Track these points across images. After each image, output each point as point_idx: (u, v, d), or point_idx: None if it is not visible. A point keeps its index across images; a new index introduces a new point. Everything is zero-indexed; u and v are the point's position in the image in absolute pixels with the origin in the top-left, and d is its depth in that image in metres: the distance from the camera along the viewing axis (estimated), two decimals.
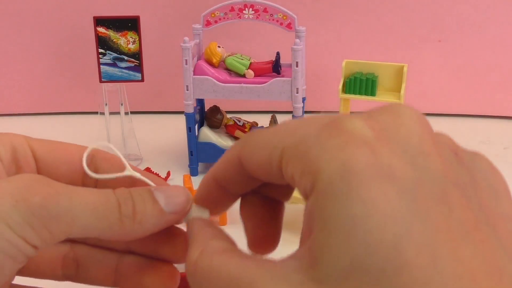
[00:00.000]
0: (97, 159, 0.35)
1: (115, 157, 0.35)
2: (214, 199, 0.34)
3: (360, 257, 0.22)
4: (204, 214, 0.33)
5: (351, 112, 0.79)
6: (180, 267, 0.38)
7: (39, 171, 0.32)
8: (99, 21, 0.69)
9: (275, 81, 0.69)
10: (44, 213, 0.26)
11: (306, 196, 0.25)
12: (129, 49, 0.70)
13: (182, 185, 0.63)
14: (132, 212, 0.29)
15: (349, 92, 0.74)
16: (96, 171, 0.34)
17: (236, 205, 0.67)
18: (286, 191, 0.32)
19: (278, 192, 0.32)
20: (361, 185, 0.22)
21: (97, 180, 0.34)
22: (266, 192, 0.32)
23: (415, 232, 0.22)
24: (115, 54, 0.70)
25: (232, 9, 0.70)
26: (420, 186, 0.23)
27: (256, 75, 0.70)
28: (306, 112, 0.81)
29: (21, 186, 0.26)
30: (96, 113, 0.77)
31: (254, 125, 0.76)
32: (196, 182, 0.72)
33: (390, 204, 0.22)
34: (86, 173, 0.32)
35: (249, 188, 0.32)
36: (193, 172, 0.74)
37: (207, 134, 0.73)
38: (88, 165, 0.33)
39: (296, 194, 0.30)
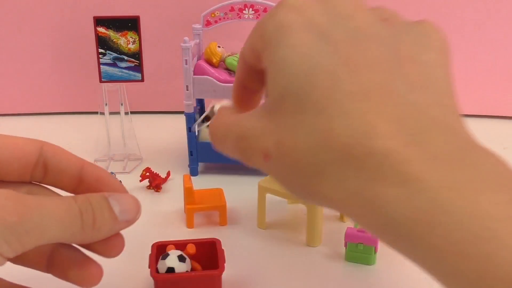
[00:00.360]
0: (47, 153, 0.39)
1: (66, 152, 0.40)
2: (243, 97, 0.41)
3: (287, 85, 0.31)
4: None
5: None
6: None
7: None
8: (99, 21, 0.69)
9: None
10: (19, 229, 0.29)
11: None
12: (129, 49, 0.70)
13: (182, 184, 0.63)
14: (92, 221, 0.33)
15: None
16: (45, 166, 0.38)
17: (234, 206, 0.67)
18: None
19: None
20: (288, 34, 0.31)
21: (44, 172, 0.38)
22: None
23: (323, 64, 0.30)
24: (115, 54, 0.70)
25: (232, 9, 0.70)
26: (334, 33, 0.31)
27: None
28: None
29: (14, 200, 0.29)
30: (96, 113, 0.77)
31: None
32: (196, 182, 0.72)
33: (307, 45, 0.31)
34: (35, 168, 0.37)
35: (260, 83, 0.39)
36: (193, 172, 0.74)
37: (207, 134, 0.73)
38: (37, 159, 0.38)
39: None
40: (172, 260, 0.47)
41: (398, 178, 0.29)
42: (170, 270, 0.46)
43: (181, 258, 0.47)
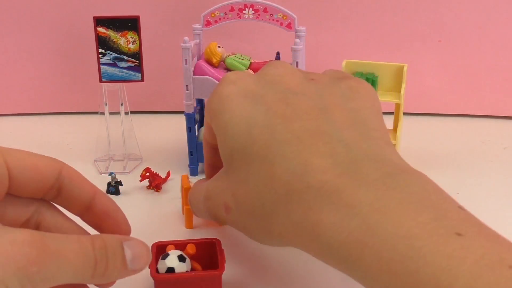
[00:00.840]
0: (64, 178, 0.40)
1: (82, 179, 0.42)
2: (213, 174, 0.47)
3: (232, 144, 0.37)
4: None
5: None
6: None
7: (11, 187, 0.37)
8: (99, 21, 0.69)
9: None
10: (36, 277, 0.30)
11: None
12: (129, 49, 0.70)
13: (180, 184, 0.63)
14: (104, 269, 0.35)
15: None
16: (59, 189, 0.40)
17: None
18: None
19: None
20: (228, 102, 0.38)
21: (57, 194, 0.40)
22: None
23: (260, 121, 0.36)
24: (115, 54, 0.70)
25: (232, 9, 0.70)
26: (266, 96, 0.37)
27: None
28: None
29: (23, 253, 0.30)
30: (96, 113, 0.77)
31: None
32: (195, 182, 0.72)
33: (245, 108, 0.37)
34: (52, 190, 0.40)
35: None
36: (193, 172, 0.74)
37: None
38: (54, 183, 0.39)
39: None
40: (172, 260, 0.47)
41: (332, 206, 0.32)
42: (170, 270, 0.46)
43: (181, 258, 0.47)
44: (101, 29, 0.69)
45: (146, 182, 0.71)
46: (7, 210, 0.39)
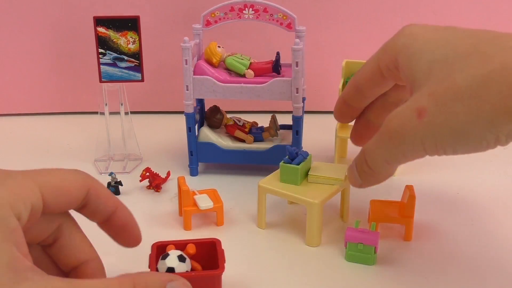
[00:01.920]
0: (91, 196, 0.42)
1: (107, 195, 0.44)
2: (343, 112, 0.56)
3: (433, 57, 0.43)
4: None
5: None
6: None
7: (44, 209, 0.39)
8: (99, 21, 0.69)
9: (275, 81, 0.69)
10: None
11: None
12: (129, 49, 0.70)
13: (177, 186, 0.63)
14: None
15: None
16: (85, 204, 0.42)
17: (233, 207, 0.67)
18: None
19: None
20: (420, 35, 0.46)
21: (82, 208, 0.43)
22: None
23: (456, 40, 0.43)
24: (115, 54, 0.70)
25: (232, 9, 0.70)
26: (448, 36, 0.44)
27: (256, 75, 0.70)
28: (306, 112, 0.81)
29: None
30: (96, 113, 0.77)
31: (254, 125, 0.76)
32: (196, 182, 0.72)
33: (437, 37, 0.45)
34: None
35: (365, 103, 0.55)
36: (193, 172, 0.74)
37: (207, 134, 0.73)
38: (82, 201, 0.42)
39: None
40: (172, 260, 0.47)
41: None
42: (170, 270, 0.46)
43: (181, 258, 0.47)
44: (101, 29, 0.69)
45: (146, 182, 0.71)
46: (33, 228, 0.40)
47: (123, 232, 0.45)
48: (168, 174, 0.71)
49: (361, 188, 0.51)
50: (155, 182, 0.70)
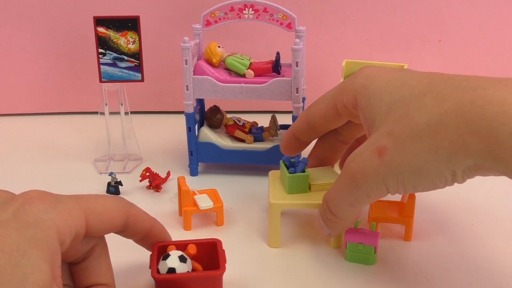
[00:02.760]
0: (130, 222, 0.45)
1: (144, 218, 0.47)
2: (291, 145, 0.59)
3: (390, 100, 0.45)
4: None
5: None
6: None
7: (86, 234, 0.42)
8: (99, 21, 0.69)
9: (275, 81, 0.69)
10: None
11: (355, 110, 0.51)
12: (129, 49, 0.70)
13: (177, 186, 0.63)
14: None
15: None
16: (124, 229, 0.45)
17: (233, 207, 0.67)
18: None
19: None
20: (377, 76, 0.48)
21: (123, 230, 0.46)
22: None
23: (412, 84, 0.45)
24: (115, 54, 0.70)
25: (232, 9, 0.70)
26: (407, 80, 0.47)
27: (256, 75, 0.70)
28: None
29: None
30: (96, 113, 0.77)
31: (254, 125, 0.76)
32: (196, 182, 0.72)
33: (394, 79, 0.47)
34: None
35: (313, 138, 0.59)
36: (193, 172, 0.74)
37: (207, 134, 0.73)
38: (121, 227, 0.45)
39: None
40: (173, 260, 0.47)
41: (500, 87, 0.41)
42: (171, 270, 0.46)
43: (182, 259, 0.47)
44: (101, 29, 0.69)
45: (146, 182, 0.71)
46: (71, 250, 0.42)
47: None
48: (168, 174, 0.71)
49: (331, 237, 0.54)
50: (155, 182, 0.70)
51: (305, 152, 0.62)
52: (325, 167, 0.62)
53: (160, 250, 0.49)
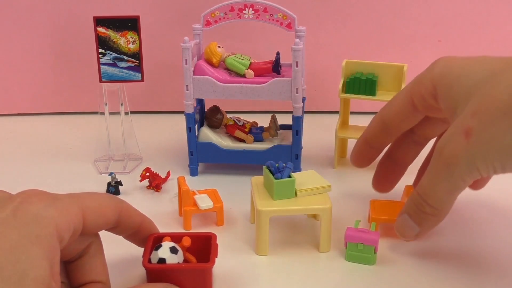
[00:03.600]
0: (122, 218, 0.46)
1: (135, 214, 0.48)
2: (363, 154, 0.58)
3: (471, 83, 0.45)
4: None
5: (351, 112, 0.79)
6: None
7: (82, 232, 0.42)
8: (99, 21, 0.69)
9: (275, 81, 0.69)
10: None
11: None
12: (129, 49, 0.70)
13: (177, 186, 0.63)
14: None
15: (349, 92, 0.74)
16: (118, 225, 0.46)
17: (233, 207, 0.67)
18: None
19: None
20: (457, 62, 0.50)
21: (115, 226, 0.46)
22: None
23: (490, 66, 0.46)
24: (115, 54, 0.70)
25: (232, 9, 0.70)
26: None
27: (256, 75, 0.70)
28: (306, 112, 0.81)
29: None
30: (96, 113, 0.77)
31: (254, 125, 0.76)
32: (196, 182, 0.72)
33: (473, 63, 0.48)
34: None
35: (387, 143, 0.57)
36: (193, 172, 0.74)
37: (207, 134, 0.73)
38: (114, 223, 0.46)
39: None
40: (164, 251, 0.48)
41: None
42: (162, 261, 0.47)
43: (173, 250, 0.48)
44: (101, 29, 0.69)
45: (146, 182, 0.71)
46: (68, 248, 0.43)
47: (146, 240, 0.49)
48: (168, 174, 0.72)
49: (416, 239, 0.51)
50: (155, 182, 0.70)
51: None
52: (308, 171, 0.61)
53: (155, 241, 0.50)
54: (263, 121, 0.77)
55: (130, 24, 0.69)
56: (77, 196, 0.43)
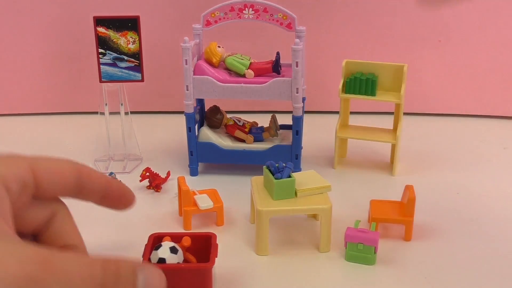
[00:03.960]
0: (82, 179, 0.42)
1: (96, 174, 0.42)
2: None
3: None
4: None
5: (351, 112, 0.79)
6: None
7: (37, 191, 0.39)
8: (99, 21, 0.69)
9: (275, 81, 0.69)
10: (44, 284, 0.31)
11: None
12: (129, 49, 0.70)
13: (177, 186, 0.63)
14: None
15: (349, 92, 0.74)
16: (80, 188, 0.41)
17: (233, 207, 0.67)
18: None
19: None
20: None
21: (79, 190, 0.41)
22: None
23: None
24: (115, 54, 0.70)
25: (232, 9, 0.70)
26: None
27: (256, 75, 0.70)
28: (306, 112, 0.81)
29: (26, 271, 0.30)
30: (96, 113, 0.77)
31: (254, 125, 0.76)
32: (195, 182, 0.72)
33: None
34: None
35: None
36: (193, 172, 0.74)
37: (207, 134, 0.73)
38: (74, 183, 0.41)
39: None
40: (164, 251, 0.48)
41: None
42: (161, 260, 0.47)
43: (173, 250, 0.48)
44: (101, 29, 0.69)
45: (146, 182, 0.71)
46: (28, 212, 0.41)
47: (120, 202, 0.44)
48: (168, 174, 0.72)
49: None
50: (155, 182, 0.70)
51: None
52: (308, 171, 0.62)
53: (155, 241, 0.50)
54: (263, 121, 0.77)
55: (130, 24, 0.69)
56: (24, 155, 0.43)
